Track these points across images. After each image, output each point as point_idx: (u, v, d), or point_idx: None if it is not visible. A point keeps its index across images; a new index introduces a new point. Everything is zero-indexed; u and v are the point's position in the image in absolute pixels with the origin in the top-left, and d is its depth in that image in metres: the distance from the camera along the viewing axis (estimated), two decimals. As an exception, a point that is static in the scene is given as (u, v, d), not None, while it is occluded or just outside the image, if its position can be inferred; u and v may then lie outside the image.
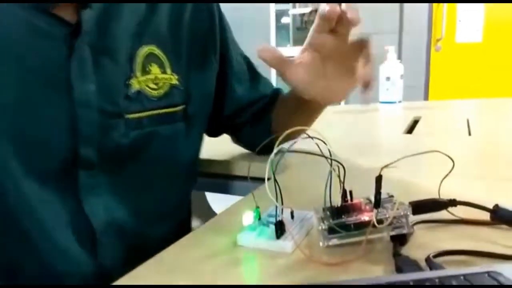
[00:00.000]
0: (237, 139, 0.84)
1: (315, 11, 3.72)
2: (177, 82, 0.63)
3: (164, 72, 0.61)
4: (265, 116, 0.79)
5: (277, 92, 0.81)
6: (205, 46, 0.69)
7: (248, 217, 0.44)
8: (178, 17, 0.65)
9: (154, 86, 0.60)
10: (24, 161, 0.52)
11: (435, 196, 0.46)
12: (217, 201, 1.08)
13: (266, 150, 0.82)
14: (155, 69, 0.60)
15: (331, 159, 0.40)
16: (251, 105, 0.78)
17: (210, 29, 0.70)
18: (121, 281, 0.38)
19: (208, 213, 1.13)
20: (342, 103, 3.65)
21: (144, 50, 0.59)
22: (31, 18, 0.50)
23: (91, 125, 0.54)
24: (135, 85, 0.58)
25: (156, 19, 0.61)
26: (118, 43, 0.57)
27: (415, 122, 1.22)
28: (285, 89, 0.76)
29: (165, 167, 0.64)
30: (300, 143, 0.43)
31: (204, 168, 0.83)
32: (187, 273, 0.39)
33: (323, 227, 0.41)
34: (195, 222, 0.89)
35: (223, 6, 0.72)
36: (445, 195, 0.46)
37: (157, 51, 0.61)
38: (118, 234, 0.59)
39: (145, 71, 0.59)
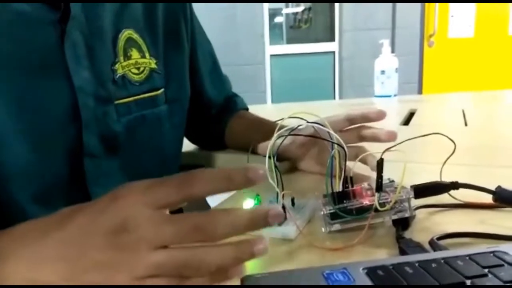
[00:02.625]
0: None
1: (309, 9, 3.73)
2: (155, 66, 0.63)
3: (143, 56, 0.62)
4: (220, 119, 0.80)
5: (233, 100, 0.83)
6: (178, 32, 0.70)
7: (248, 205, 0.44)
8: (153, 4, 0.65)
9: (136, 71, 0.60)
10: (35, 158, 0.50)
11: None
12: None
13: (217, 146, 0.82)
14: (135, 53, 0.60)
15: (331, 142, 0.40)
16: (209, 100, 0.79)
17: (183, 16, 0.70)
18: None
19: (203, 207, 1.12)
20: (337, 97, 3.67)
21: (124, 34, 0.59)
22: (16, 5, 0.48)
23: (90, 112, 0.53)
24: (119, 70, 0.57)
25: (132, 5, 0.61)
26: (103, 28, 0.56)
27: (411, 115, 1.22)
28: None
29: (154, 152, 0.64)
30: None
31: (201, 161, 0.82)
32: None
33: (325, 213, 0.41)
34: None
35: (217, 5, 0.72)
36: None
37: (135, 36, 0.61)
38: None
39: (126, 56, 0.59)
